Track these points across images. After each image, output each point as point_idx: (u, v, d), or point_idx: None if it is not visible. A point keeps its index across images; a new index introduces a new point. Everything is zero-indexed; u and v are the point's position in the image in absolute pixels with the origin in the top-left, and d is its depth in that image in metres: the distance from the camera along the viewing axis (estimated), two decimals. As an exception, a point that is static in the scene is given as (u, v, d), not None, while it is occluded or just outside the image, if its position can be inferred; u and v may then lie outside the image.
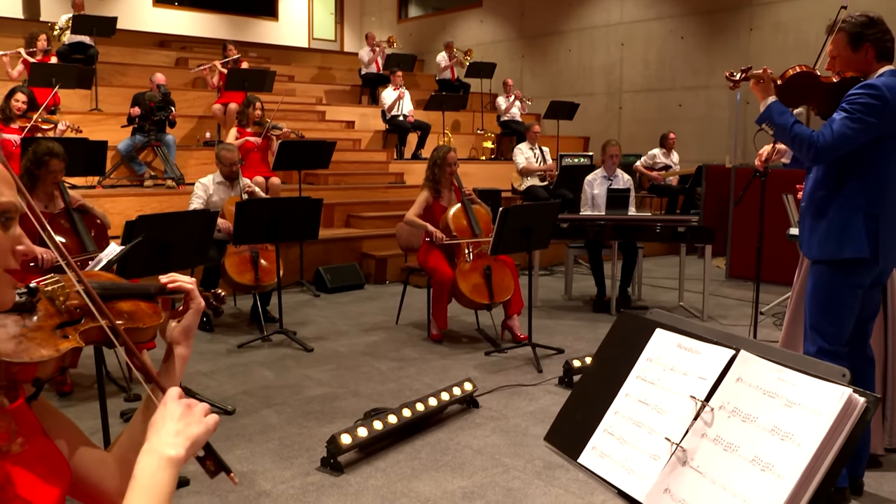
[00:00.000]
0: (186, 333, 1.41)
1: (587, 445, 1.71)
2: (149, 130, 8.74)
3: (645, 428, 1.61)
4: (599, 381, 1.83)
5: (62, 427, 1.28)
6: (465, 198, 5.84)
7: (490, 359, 5.36)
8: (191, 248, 4.53)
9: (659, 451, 1.55)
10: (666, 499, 1.47)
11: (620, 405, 1.70)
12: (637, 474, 1.56)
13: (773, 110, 3.26)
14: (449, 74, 13.60)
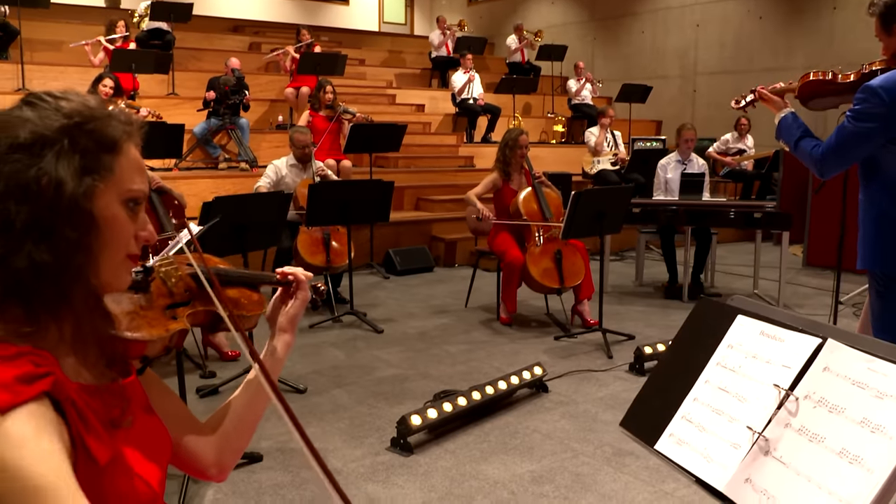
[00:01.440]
0: (292, 322, 1.44)
1: (664, 432, 1.68)
2: (223, 114, 8.92)
3: (725, 416, 1.58)
4: (677, 367, 1.79)
5: (166, 399, 1.33)
6: (536, 181, 5.79)
7: (560, 343, 5.33)
8: (265, 229, 4.61)
9: (740, 439, 1.51)
10: (747, 489, 1.43)
11: (699, 392, 1.67)
12: (716, 463, 1.53)
13: (782, 127, 3.10)
14: (519, 57, 13.49)
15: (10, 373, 0.95)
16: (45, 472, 0.92)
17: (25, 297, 1.02)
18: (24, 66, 9.43)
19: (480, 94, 11.53)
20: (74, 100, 1.09)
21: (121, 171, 1.09)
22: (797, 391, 1.46)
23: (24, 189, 1.01)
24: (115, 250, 1.09)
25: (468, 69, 11.45)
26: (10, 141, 1.02)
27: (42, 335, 1.04)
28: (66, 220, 1.02)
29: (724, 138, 10.39)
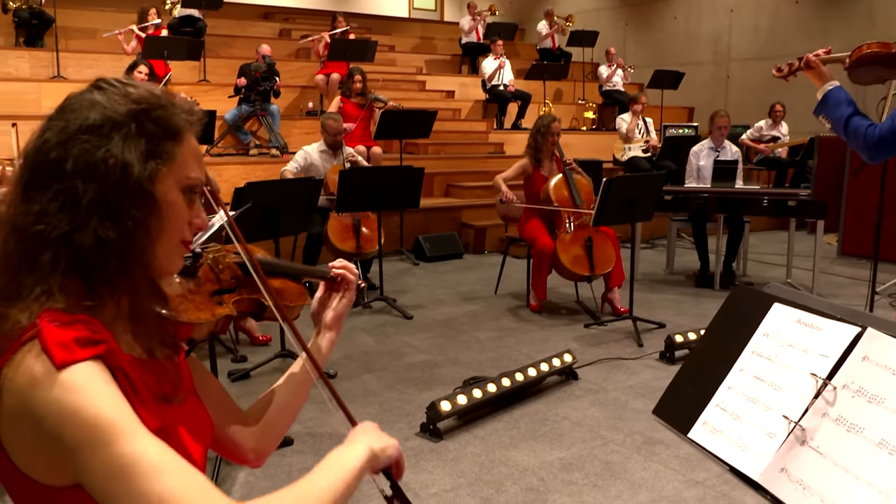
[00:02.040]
0: (338, 319, 1.46)
1: (698, 420, 1.67)
2: (254, 100, 8.96)
3: (760, 405, 1.56)
4: (711, 355, 1.78)
5: (208, 384, 1.35)
6: (567, 168, 5.76)
7: (590, 331, 5.30)
8: (296, 214, 4.63)
9: (775, 429, 1.50)
10: (782, 478, 1.42)
11: (734, 380, 1.65)
12: (751, 452, 1.51)
13: (830, 101, 2.91)
14: (550, 43, 13.38)
15: (68, 334, 0.98)
16: (106, 409, 0.96)
17: (88, 272, 1.05)
18: (59, 54, 9.54)
19: (511, 80, 11.46)
20: (141, 87, 1.12)
21: (182, 158, 1.12)
22: (835, 380, 1.44)
23: (92, 168, 1.04)
24: (171, 234, 1.12)
25: (498, 55, 11.39)
26: (80, 122, 1.06)
27: (100, 310, 1.07)
28: (130, 201, 1.06)
29: (757, 125, 10.24)
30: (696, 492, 3.12)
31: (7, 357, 0.99)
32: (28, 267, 1.04)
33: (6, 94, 8.77)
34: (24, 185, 1.07)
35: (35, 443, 0.99)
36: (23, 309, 1.01)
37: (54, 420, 0.95)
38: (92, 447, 0.95)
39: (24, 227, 1.05)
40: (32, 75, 9.50)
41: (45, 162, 1.06)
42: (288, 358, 4.53)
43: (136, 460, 0.94)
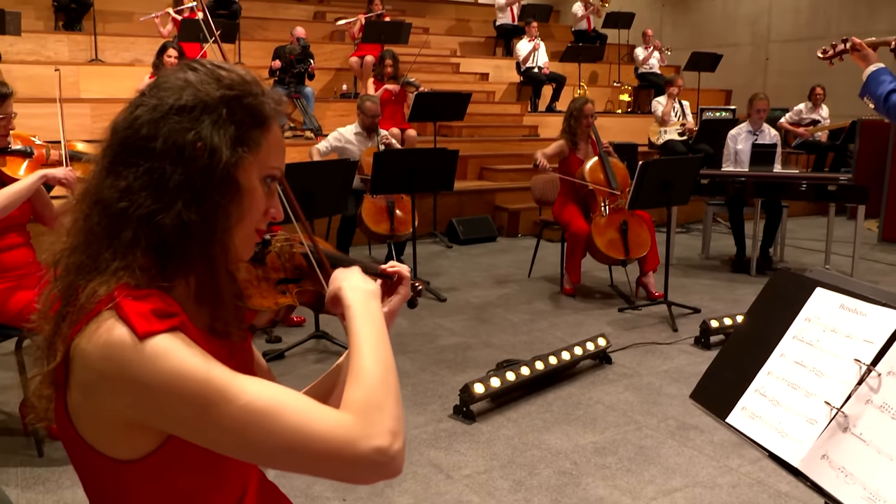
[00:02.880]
0: (390, 317, 1.45)
1: (736, 405, 1.65)
2: (289, 83, 8.98)
3: (801, 390, 1.54)
4: (751, 339, 1.75)
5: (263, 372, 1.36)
6: (602, 151, 5.71)
7: (623, 315, 5.27)
8: (331, 196, 4.65)
9: (817, 415, 1.47)
10: (823, 465, 1.40)
11: (774, 366, 1.63)
12: (791, 438, 1.49)
13: (871, 79, 2.90)
14: (585, 25, 13.23)
15: (145, 306, 1.00)
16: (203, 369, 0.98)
17: (166, 253, 1.06)
18: (96, 38, 9.65)
19: (545, 62, 11.38)
20: (234, 72, 1.13)
21: (267, 147, 1.13)
22: (880, 367, 1.42)
23: (181, 150, 1.05)
24: (249, 223, 1.13)
25: (533, 37, 11.30)
26: (172, 102, 1.06)
27: (171, 290, 1.08)
28: (216, 186, 1.06)
29: (797, 108, 10.08)
30: (731, 478, 3.09)
31: (79, 327, 1.00)
32: (108, 242, 1.05)
33: (47, 77, 8.85)
34: (111, 159, 1.08)
35: (113, 415, 1.00)
36: (100, 283, 1.02)
37: (153, 388, 0.96)
38: (203, 407, 0.97)
39: (108, 202, 1.06)
40: (71, 59, 9.62)
41: (134, 138, 1.06)
42: (322, 339, 4.57)
43: (250, 409, 0.97)
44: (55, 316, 1.06)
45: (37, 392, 1.07)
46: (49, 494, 2.90)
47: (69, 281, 1.06)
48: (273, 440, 0.97)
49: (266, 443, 0.97)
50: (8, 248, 3.23)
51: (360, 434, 0.99)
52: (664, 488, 3.02)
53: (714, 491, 3.00)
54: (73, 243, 1.08)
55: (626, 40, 13.39)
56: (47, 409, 1.06)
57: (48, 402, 1.06)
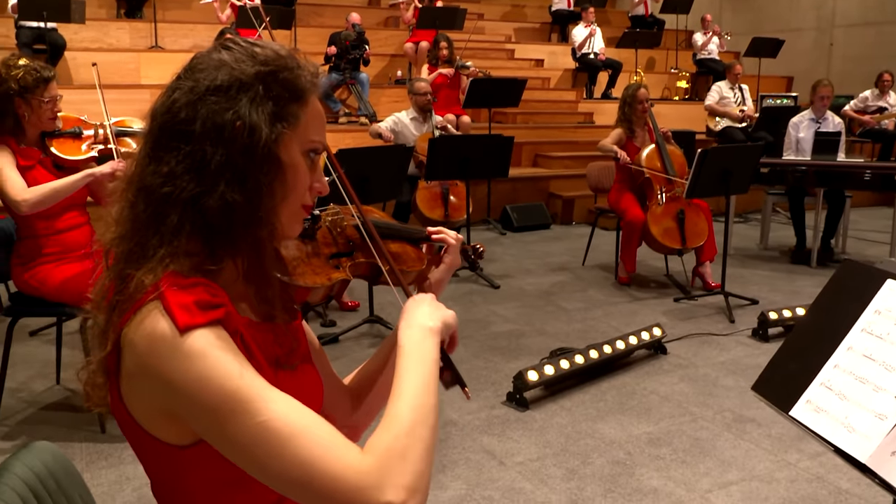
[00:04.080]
0: (439, 285, 1.44)
1: (800, 399, 1.62)
2: (344, 69, 9.04)
3: (870, 385, 1.50)
4: (816, 331, 1.71)
5: (316, 352, 1.35)
6: (660, 138, 5.63)
7: (679, 305, 5.21)
8: (386, 181, 4.67)
9: (887, 410, 1.44)
10: (893, 462, 1.36)
11: (841, 359, 1.59)
12: (859, 433, 1.46)
13: None
14: (642, 10, 13.02)
15: (189, 297, 0.99)
16: (233, 377, 0.96)
17: (211, 236, 1.06)
18: (156, 25, 9.82)
19: (601, 48, 11.23)
20: (268, 48, 1.11)
21: (306, 121, 1.11)
22: (954, 362, 1.38)
23: (220, 131, 1.04)
24: (294, 199, 1.12)
25: (589, 23, 11.17)
26: (208, 83, 1.05)
27: (219, 273, 1.08)
28: (258, 165, 1.05)
29: (862, 95, 9.79)
30: (789, 472, 3.04)
31: (128, 317, 1.00)
32: (154, 228, 1.05)
33: (108, 64, 9.08)
34: (152, 145, 1.08)
35: (155, 404, 1.01)
36: (147, 271, 1.02)
37: (181, 388, 0.96)
38: (223, 416, 0.95)
39: (152, 188, 1.05)
40: (132, 46, 9.82)
41: (173, 122, 1.06)
42: (376, 324, 4.60)
43: (267, 428, 0.94)
44: (108, 305, 1.06)
45: (91, 380, 1.08)
46: (111, 469, 2.98)
47: (119, 269, 1.06)
48: (281, 464, 0.94)
49: (273, 465, 0.95)
50: (70, 228, 3.32)
51: (373, 483, 0.93)
52: (720, 481, 2.98)
53: (771, 485, 2.95)
54: (121, 232, 1.08)
55: (684, 26, 13.14)
56: (102, 396, 1.07)
57: (102, 389, 1.07)
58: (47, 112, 3.24)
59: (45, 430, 3.33)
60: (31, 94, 3.17)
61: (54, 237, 3.26)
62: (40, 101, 3.20)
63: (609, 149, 5.63)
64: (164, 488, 1.11)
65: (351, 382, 1.44)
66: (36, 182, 3.22)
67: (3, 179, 3.13)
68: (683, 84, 12.18)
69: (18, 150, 3.22)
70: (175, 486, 1.01)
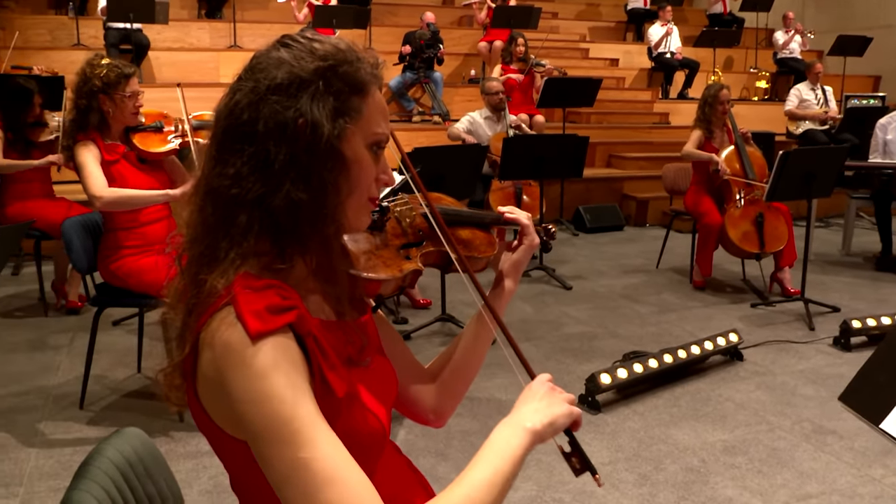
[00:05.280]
0: (516, 267, 1.41)
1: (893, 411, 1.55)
2: (418, 68, 9.09)
3: (968, 399, 1.43)
4: (910, 342, 1.64)
5: (393, 341, 1.35)
6: (739, 139, 5.50)
7: (756, 311, 5.08)
8: (460, 180, 4.67)
9: None
10: None
11: (937, 371, 1.52)
12: (956, 449, 1.39)
13: None
14: (720, 8, 12.72)
15: (260, 302, 1.00)
16: (290, 405, 0.97)
17: (280, 235, 1.06)
18: (235, 25, 10.04)
19: (678, 47, 11.03)
20: (327, 42, 1.11)
21: (368, 113, 1.10)
22: None
23: (283, 129, 1.04)
24: (360, 192, 1.12)
25: (666, 21, 10.97)
26: (269, 82, 1.05)
27: (289, 272, 1.09)
28: (322, 161, 1.05)
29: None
30: (873, 488, 2.93)
31: (203, 321, 1.02)
32: (223, 230, 1.05)
33: (189, 63, 9.36)
34: (217, 148, 1.08)
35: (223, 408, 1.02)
36: (219, 274, 1.03)
37: (238, 401, 0.97)
38: (269, 442, 0.96)
39: (220, 191, 1.06)
40: (212, 45, 10.08)
41: (237, 124, 1.06)
42: (447, 322, 4.61)
43: (308, 466, 0.95)
44: (184, 308, 1.08)
45: (169, 381, 1.09)
46: (188, 457, 3.06)
47: (193, 273, 1.07)
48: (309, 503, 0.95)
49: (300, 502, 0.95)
50: (152, 222, 3.42)
51: None
52: (798, 493, 2.90)
53: (853, 500, 2.85)
54: (193, 235, 1.09)
55: (764, 24, 12.80)
56: (180, 396, 1.09)
57: (180, 390, 1.08)
58: (130, 107, 3.35)
59: (127, 416, 3.44)
60: (114, 89, 3.28)
61: (137, 230, 3.37)
62: (123, 97, 3.30)
63: (702, 156, 5.47)
64: (243, 483, 1.12)
65: (433, 367, 1.43)
66: (121, 175, 3.33)
67: (86, 175, 3.24)
68: (763, 84, 11.87)
69: (104, 146, 3.33)
70: (253, 482, 1.02)
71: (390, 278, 1.24)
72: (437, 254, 1.33)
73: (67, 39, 9.38)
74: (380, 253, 1.27)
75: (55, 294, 4.98)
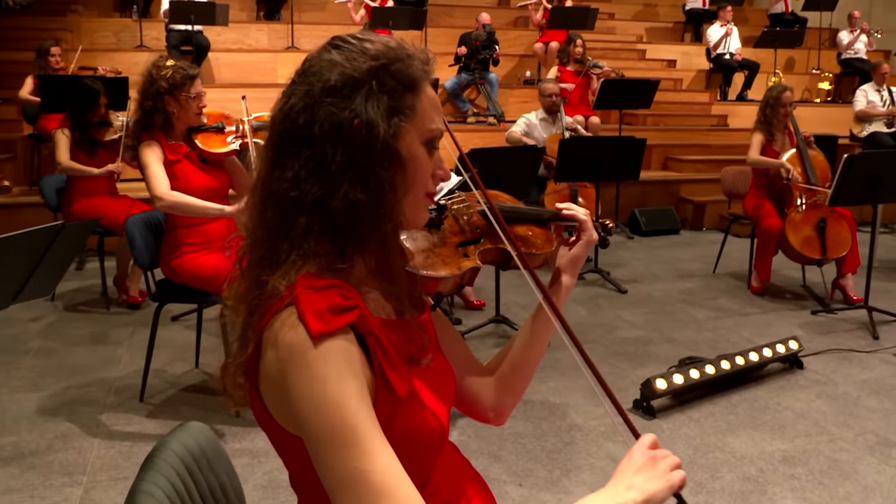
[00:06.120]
0: (574, 263, 1.41)
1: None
2: (473, 69, 9.09)
3: None
4: None
5: (451, 339, 1.35)
6: (801, 142, 5.37)
7: (817, 318, 4.96)
8: (516, 181, 4.65)
9: None
10: None
11: None
12: None
13: None
14: (782, 8, 12.46)
15: (322, 302, 1.01)
16: (349, 413, 0.98)
17: (339, 235, 1.08)
18: (293, 26, 10.18)
19: (738, 48, 10.82)
20: (377, 41, 1.11)
21: (422, 110, 1.11)
22: None
23: (338, 131, 1.05)
24: (417, 189, 1.12)
25: (726, 21, 10.78)
26: (322, 85, 1.07)
27: (350, 271, 1.10)
28: (378, 161, 1.06)
29: None
30: (940, 502, 2.84)
31: (266, 321, 1.03)
32: (284, 233, 1.07)
33: (248, 64, 9.52)
34: (274, 151, 1.09)
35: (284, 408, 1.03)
36: (281, 276, 1.04)
37: (298, 403, 0.98)
38: (327, 447, 0.97)
39: (279, 194, 1.07)
40: (270, 46, 10.23)
41: (293, 128, 1.07)
42: (501, 324, 4.60)
43: (364, 478, 0.96)
44: (246, 308, 1.09)
45: (232, 380, 1.11)
46: (244, 452, 3.10)
47: (255, 275, 1.08)
48: None
49: None
50: (212, 220, 3.48)
51: None
52: (861, 506, 2.83)
53: (920, 514, 2.77)
54: (253, 239, 1.10)
55: (828, 23, 12.49)
56: (242, 395, 1.10)
57: (243, 389, 1.10)
58: (194, 108, 3.41)
59: (185, 410, 3.51)
60: (179, 90, 3.35)
61: (198, 228, 3.43)
62: (187, 98, 3.37)
63: (773, 164, 5.31)
64: (303, 480, 1.13)
65: (491, 364, 1.43)
66: (183, 174, 3.40)
67: (149, 175, 3.31)
68: (826, 86, 11.59)
69: (167, 146, 3.40)
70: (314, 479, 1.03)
71: (449, 276, 1.24)
72: (495, 251, 1.33)
73: (131, 41, 9.61)
74: (438, 251, 1.27)
75: (116, 289, 5.11)
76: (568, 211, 1.40)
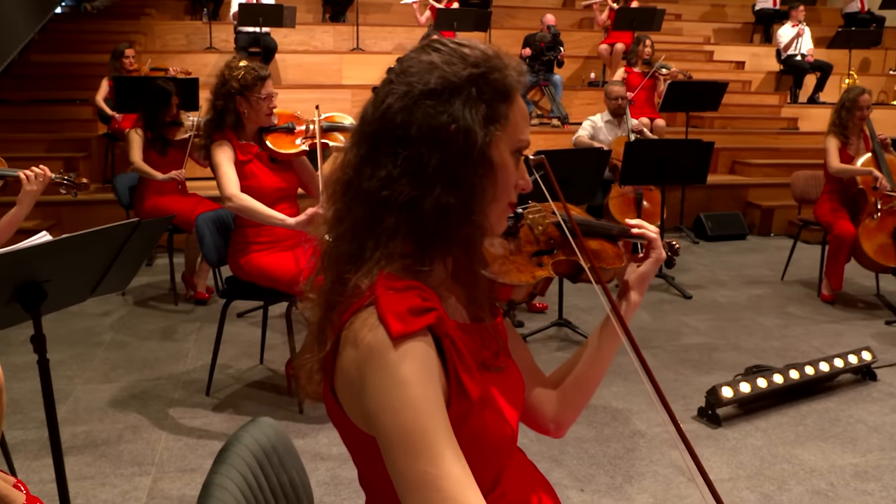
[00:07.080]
0: (642, 280, 1.40)
1: None
2: (538, 70, 9.05)
3: None
4: None
5: (518, 347, 1.35)
6: (877, 146, 5.21)
7: (891, 329, 4.80)
8: (582, 184, 4.61)
9: None
10: None
11: None
12: None
13: None
14: (857, 6, 12.08)
15: (402, 304, 1.01)
16: (424, 417, 0.98)
17: (425, 238, 1.08)
18: (358, 28, 10.28)
19: (810, 49, 10.54)
20: (476, 48, 1.12)
21: (514, 120, 1.11)
22: None
23: (436, 134, 1.06)
24: (503, 197, 1.13)
25: (798, 22, 10.50)
26: (422, 87, 1.07)
27: (429, 274, 1.10)
28: (473, 167, 1.06)
29: None
30: None
31: (346, 318, 1.04)
32: (370, 231, 1.08)
33: (314, 65, 9.65)
34: (367, 149, 1.10)
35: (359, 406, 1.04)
36: (364, 274, 1.05)
37: (378, 406, 0.99)
38: (400, 449, 0.98)
39: (370, 193, 1.08)
40: (335, 48, 10.35)
41: (390, 128, 1.07)
42: (564, 327, 4.57)
43: (435, 483, 0.96)
44: (325, 304, 1.10)
45: (307, 374, 1.12)
46: (308, 449, 3.13)
47: (338, 271, 1.10)
48: None
49: None
50: None
51: None
52: (938, 525, 2.73)
53: None
54: (339, 233, 1.11)
55: (907, 23, 12.08)
56: (315, 390, 1.12)
57: (318, 385, 1.11)
58: (265, 108, 3.46)
59: (249, 405, 3.56)
60: (251, 91, 3.40)
61: (266, 227, 3.47)
62: (258, 98, 3.42)
63: (860, 172, 5.13)
64: (372, 478, 1.14)
65: (554, 376, 1.43)
66: (253, 174, 3.45)
67: (221, 175, 3.37)
68: (903, 88, 11.21)
69: (238, 146, 3.46)
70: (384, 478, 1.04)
71: (524, 284, 1.25)
72: (567, 263, 1.35)
73: (201, 43, 9.83)
74: (513, 258, 1.28)
75: (185, 285, 5.23)
76: (638, 230, 1.40)
